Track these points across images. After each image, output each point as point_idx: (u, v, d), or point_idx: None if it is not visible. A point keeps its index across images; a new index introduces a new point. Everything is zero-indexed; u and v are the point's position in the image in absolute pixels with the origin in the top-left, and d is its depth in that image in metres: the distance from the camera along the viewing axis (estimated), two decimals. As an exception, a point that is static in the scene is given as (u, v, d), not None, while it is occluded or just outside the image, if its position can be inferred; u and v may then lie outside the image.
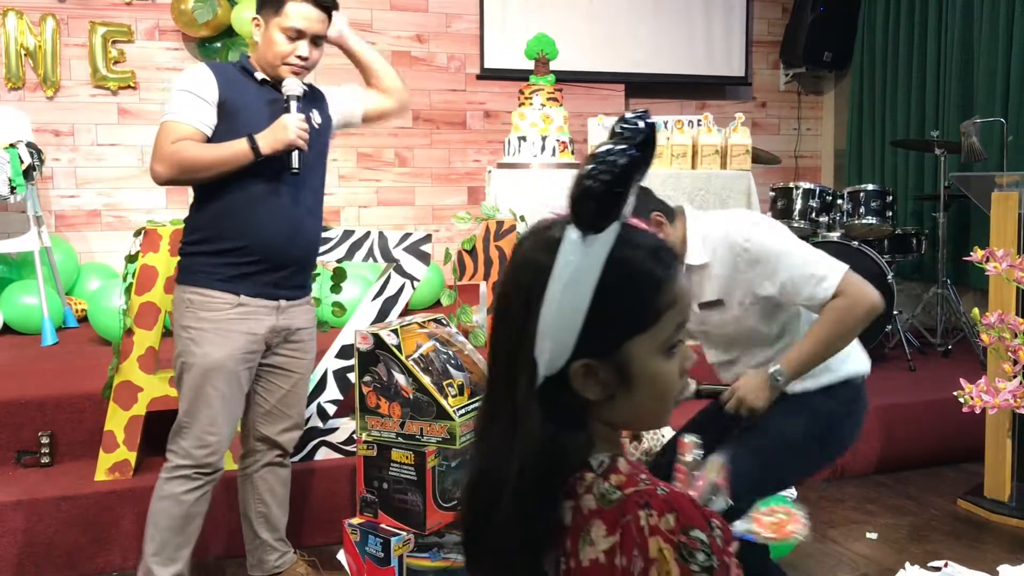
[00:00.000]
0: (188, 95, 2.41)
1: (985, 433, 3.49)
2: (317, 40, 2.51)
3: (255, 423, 2.64)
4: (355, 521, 2.69)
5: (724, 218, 2.34)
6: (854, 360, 2.31)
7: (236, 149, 2.38)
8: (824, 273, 2.15)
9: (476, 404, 2.65)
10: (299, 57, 2.47)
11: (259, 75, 2.51)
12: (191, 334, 2.44)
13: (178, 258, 2.56)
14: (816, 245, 4.62)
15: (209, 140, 2.42)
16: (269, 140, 2.39)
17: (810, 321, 2.28)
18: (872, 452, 3.86)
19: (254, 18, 2.53)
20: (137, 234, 3.06)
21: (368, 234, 3.22)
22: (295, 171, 2.44)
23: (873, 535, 3.23)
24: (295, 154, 2.43)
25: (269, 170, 2.43)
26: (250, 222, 2.44)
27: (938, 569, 2.90)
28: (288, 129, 2.40)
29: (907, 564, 2.93)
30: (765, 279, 2.21)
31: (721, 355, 2.44)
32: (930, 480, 3.81)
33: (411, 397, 2.61)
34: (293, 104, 2.45)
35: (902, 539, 3.21)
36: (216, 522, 2.68)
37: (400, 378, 2.63)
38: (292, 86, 2.47)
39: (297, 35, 2.46)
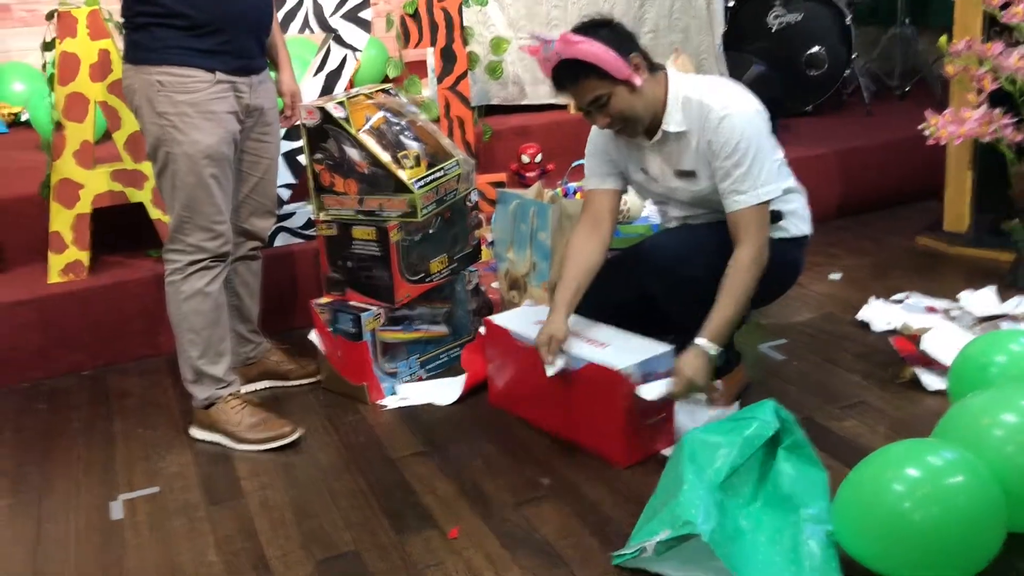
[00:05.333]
0: None
1: (944, 170, 3.49)
2: None
3: (230, 216, 2.46)
4: (323, 301, 2.66)
5: (708, 84, 2.24)
6: (804, 221, 2.39)
7: None
8: (750, 188, 2.14)
9: (435, 175, 2.56)
10: None
11: None
12: (172, 120, 2.21)
13: (107, 40, 2.30)
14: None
15: None
16: None
17: (791, 199, 2.34)
18: (832, 197, 3.87)
19: None
20: (49, 17, 2.81)
21: (300, -1, 2.98)
22: None
23: (836, 276, 3.29)
24: None
25: None
26: None
27: (901, 301, 2.96)
28: None
29: (871, 299, 2.98)
30: (709, 156, 2.18)
31: (684, 212, 2.38)
32: (890, 220, 3.85)
33: (366, 172, 2.51)
34: None
35: (865, 277, 3.26)
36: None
37: (353, 153, 2.51)
38: None
39: None
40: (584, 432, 2.24)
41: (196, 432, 2.47)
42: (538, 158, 3.71)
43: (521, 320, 2.42)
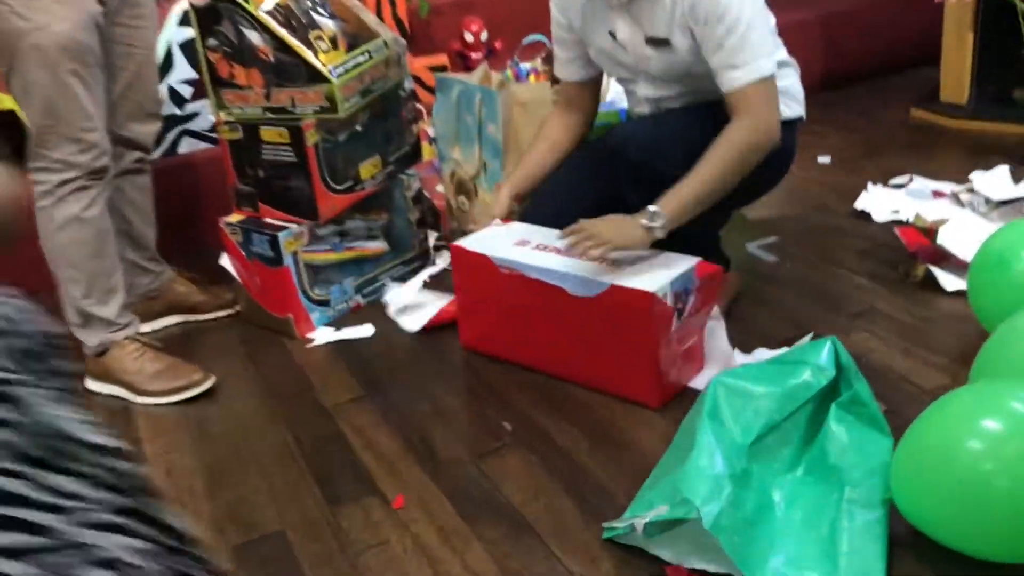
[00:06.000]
0: None
1: (942, 31, 3.10)
2: None
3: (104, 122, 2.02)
4: (233, 219, 2.24)
5: None
6: (798, 102, 2.01)
7: None
8: (749, 60, 1.75)
9: (358, 59, 2.12)
10: None
11: None
12: (10, 4, 1.78)
13: None
14: None
15: None
16: None
17: (785, 74, 1.93)
18: (816, 68, 3.47)
19: None
20: None
21: None
22: None
23: (826, 159, 2.92)
24: None
25: None
26: None
27: (902, 186, 2.61)
28: None
29: (869, 184, 2.63)
30: (692, 23, 1.78)
31: (656, 91, 1.97)
32: (880, 92, 3.48)
33: (271, 59, 2.06)
34: None
35: (857, 158, 2.90)
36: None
37: (253, 36, 2.06)
38: None
39: None
40: (603, 371, 1.84)
41: (91, 384, 2.08)
42: (483, 36, 3.26)
43: (497, 242, 1.95)
